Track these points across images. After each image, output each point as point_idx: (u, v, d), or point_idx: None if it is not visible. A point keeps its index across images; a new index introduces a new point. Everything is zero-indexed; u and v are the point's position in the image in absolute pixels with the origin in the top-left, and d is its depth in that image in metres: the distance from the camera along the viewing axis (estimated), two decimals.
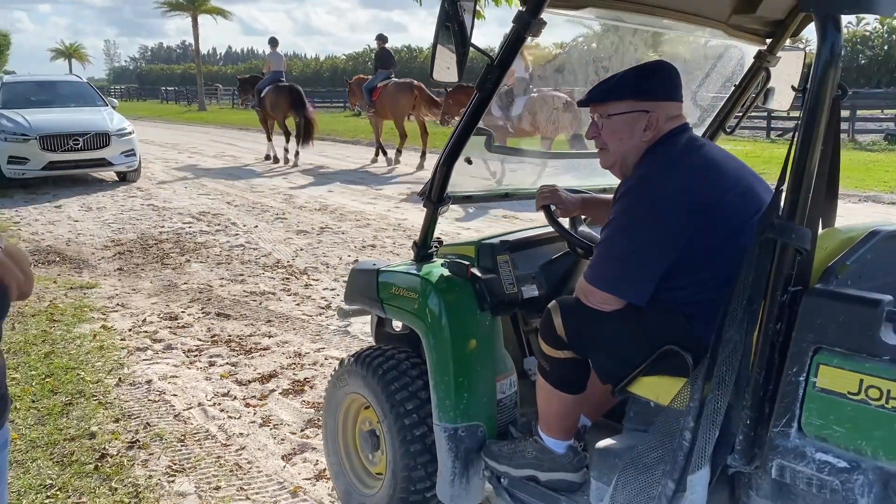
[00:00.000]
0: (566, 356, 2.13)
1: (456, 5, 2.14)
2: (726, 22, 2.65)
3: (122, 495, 2.93)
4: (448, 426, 2.39)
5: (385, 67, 14.50)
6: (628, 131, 2.05)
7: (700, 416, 1.78)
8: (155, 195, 11.00)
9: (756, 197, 1.99)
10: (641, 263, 1.95)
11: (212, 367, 4.37)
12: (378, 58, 14.81)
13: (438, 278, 2.48)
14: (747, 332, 1.67)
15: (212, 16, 42.54)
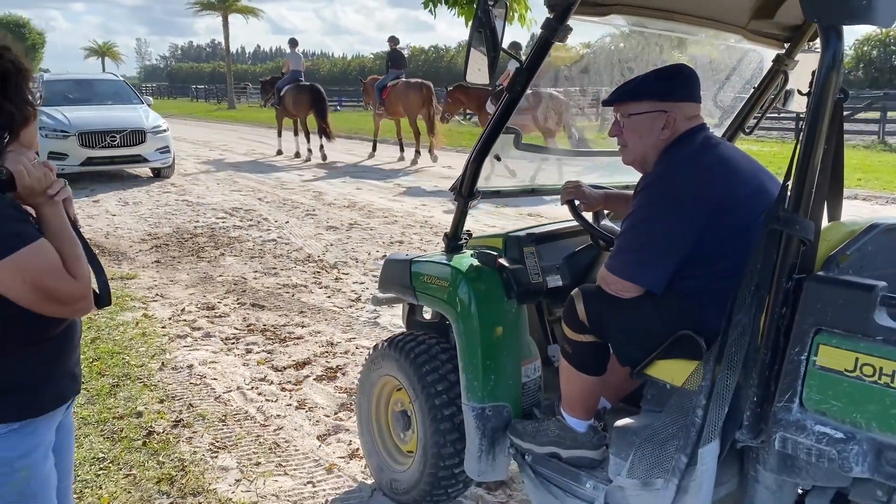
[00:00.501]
0: (588, 340, 2.28)
1: (488, 12, 2.31)
2: (745, 27, 2.79)
3: (169, 469, 3.14)
4: (476, 406, 2.55)
5: (396, 67, 14.88)
6: (647, 130, 2.20)
7: (711, 395, 1.93)
8: (189, 191, 11.30)
9: (768, 194, 2.13)
10: (658, 254, 2.10)
11: (248, 353, 4.58)
12: (390, 58, 15.23)
13: (468, 268, 2.65)
14: (755, 315, 1.82)
15: (242, 15, 43.08)
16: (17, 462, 1.58)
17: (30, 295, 1.47)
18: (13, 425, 1.58)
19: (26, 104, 1.54)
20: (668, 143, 2.19)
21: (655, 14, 2.64)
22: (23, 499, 1.61)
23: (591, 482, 2.31)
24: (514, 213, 8.94)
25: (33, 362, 1.60)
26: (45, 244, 1.49)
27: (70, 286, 1.50)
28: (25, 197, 1.53)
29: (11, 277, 1.45)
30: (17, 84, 1.53)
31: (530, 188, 3.07)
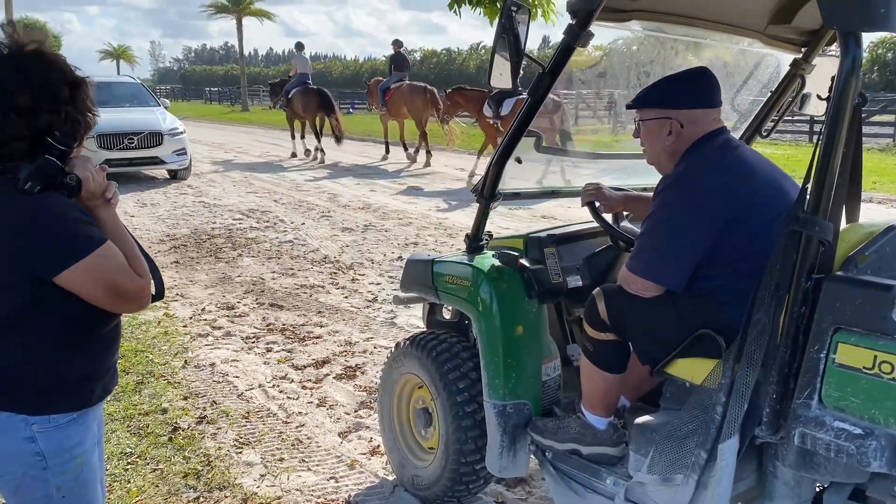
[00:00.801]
0: (609, 338, 2.34)
1: (511, 18, 2.37)
2: (763, 32, 2.83)
3: (195, 463, 3.21)
4: (497, 403, 2.60)
5: (399, 70, 15.25)
6: (656, 135, 2.30)
7: (731, 392, 1.97)
8: (205, 192, 11.41)
9: (786, 196, 2.18)
10: (678, 253, 2.15)
11: (269, 352, 4.65)
12: (393, 61, 15.56)
13: (490, 268, 2.71)
14: (774, 314, 1.87)
15: (256, 18, 43.35)
16: (74, 450, 1.67)
17: (102, 293, 1.56)
18: (72, 415, 1.66)
19: (90, 112, 1.63)
20: (678, 147, 2.26)
21: (675, 20, 2.69)
22: (78, 485, 1.70)
23: (612, 478, 2.36)
24: (528, 215, 8.99)
25: (89, 357, 1.69)
26: (112, 245, 1.57)
27: (135, 283, 1.59)
28: (86, 200, 1.60)
29: (87, 277, 1.53)
30: (84, 94, 1.61)
31: (550, 190, 3.12)
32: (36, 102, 1.53)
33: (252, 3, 42.41)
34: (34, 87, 1.53)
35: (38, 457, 1.63)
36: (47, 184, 1.52)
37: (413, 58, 68.00)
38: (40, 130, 1.53)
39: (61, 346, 1.63)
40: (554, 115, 11.00)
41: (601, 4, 2.26)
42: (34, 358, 1.62)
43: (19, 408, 1.62)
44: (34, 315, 1.58)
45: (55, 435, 1.64)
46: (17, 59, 1.55)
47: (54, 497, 1.67)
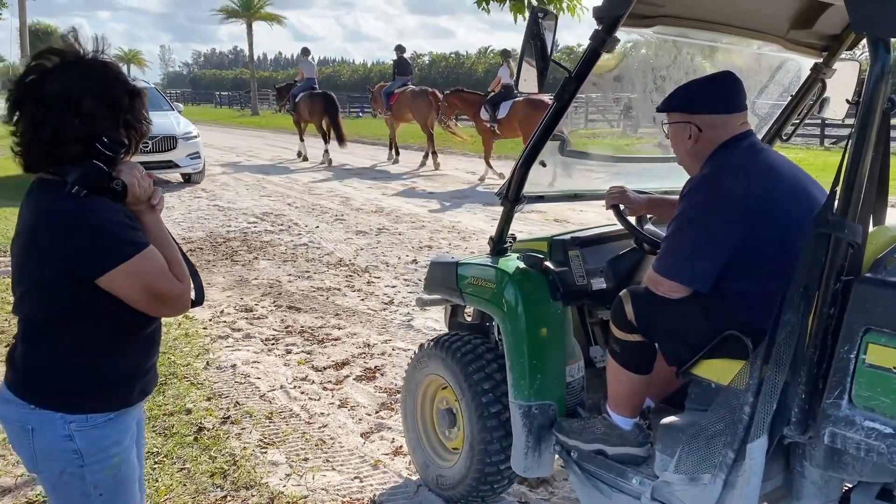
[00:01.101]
0: (636, 339, 2.37)
1: (538, 24, 2.41)
2: (784, 37, 2.86)
3: (221, 463, 3.25)
4: (523, 403, 2.64)
5: (403, 74, 15.75)
6: (679, 139, 2.37)
7: (759, 392, 2.00)
8: (219, 196, 11.49)
9: (811, 198, 2.21)
10: (703, 254, 2.19)
11: (289, 354, 4.70)
12: (396, 66, 16.11)
13: (515, 270, 2.74)
14: (803, 315, 1.89)
15: (266, 22, 43.55)
16: (111, 449, 1.70)
17: (142, 296, 1.59)
18: (110, 415, 1.70)
19: (145, 120, 1.69)
20: (700, 151, 2.32)
21: (698, 25, 2.72)
22: (116, 483, 1.73)
23: (638, 478, 2.38)
24: (541, 218, 9.02)
25: (129, 358, 1.73)
26: (154, 249, 1.61)
27: (175, 287, 1.62)
28: (131, 205, 1.65)
29: (128, 281, 1.57)
30: (141, 103, 1.67)
31: (572, 193, 3.16)
32: (97, 109, 1.57)
33: (262, 7, 42.61)
34: (99, 93, 1.58)
35: (76, 455, 1.67)
36: (94, 188, 1.56)
37: (422, 62, 68.22)
38: (95, 136, 1.58)
39: (102, 346, 1.67)
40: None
41: (627, 10, 2.30)
42: (75, 358, 1.66)
43: (58, 406, 1.66)
44: (78, 316, 1.62)
45: (92, 434, 1.67)
46: (81, 65, 1.60)
47: (92, 495, 1.71)
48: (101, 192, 1.57)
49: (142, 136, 1.69)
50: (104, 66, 1.62)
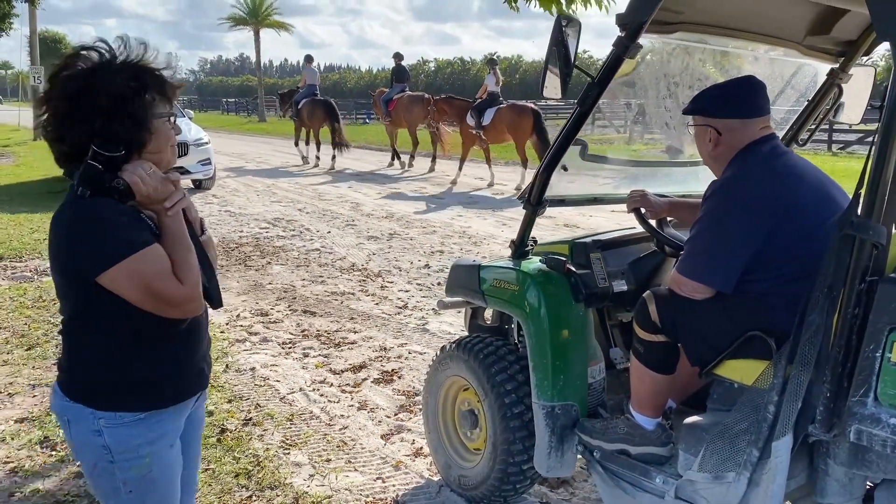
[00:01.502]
0: (659, 340, 2.40)
1: (562, 31, 2.46)
2: (801, 42, 2.91)
3: (245, 463, 3.29)
4: (546, 404, 2.67)
5: (400, 81, 16.23)
6: (701, 142, 2.43)
7: (784, 391, 2.04)
8: (230, 202, 11.56)
9: (833, 201, 2.25)
10: (727, 255, 2.23)
11: (306, 357, 4.75)
12: (394, 73, 16.65)
13: (537, 272, 2.78)
14: (828, 315, 1.93)
15: (273, 29, 43.77)
16: (141, 449, 1.71)
17: (142, 296, 1.59)
18: (140, 415, 1.70)
19: (140, 128, 1.64)
20: (721, 154, 2.37)
21: (717, 31, 2.77)
22: (144, 483, 1.74)
23: (661, 477, 2.42)
24: (551, 223, 9.06)
25: (159, 359, 1.72)
26: (155, 249, 1.60)
27: (176, 290, 1.60)
28: (146, 206, 1.65)
29: (126, 281, 1.57)
30: (133, 109, 1.63)
31: (594, 197, 3.20)
32: (92, 108, 1.60)
33: (270, 14, 42.83)
34: (94, 93, 1.61)
35: (105, 450, 1.69)
36: (97, 188, 1.59)
37: (427, 68, 68.45)
38: (92, 136, 1.60)
39: (126, 346, 1.68)
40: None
41: (650, 17, 2.35)
42: (100, 356, 1.69)
43: (88, 401, 1.69)
44: (97, 315, 1.65)
45: (121, 432, 1.68)
46: (92, 67, 1.64)
47: (121, 491, 1.73)
48: (105, 193, 1.60)
49: (143, 144, 1.66)
50: (104, 66, 1.64)
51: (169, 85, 1.72)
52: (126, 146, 1.63)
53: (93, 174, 1.59)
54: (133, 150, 1.65)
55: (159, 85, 1.69)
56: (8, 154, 20.40)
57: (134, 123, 1.63)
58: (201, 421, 2.01)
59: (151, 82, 1.68)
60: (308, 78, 17.04)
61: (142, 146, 1.66)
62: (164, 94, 1.70)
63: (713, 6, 2.61)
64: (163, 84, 1.70)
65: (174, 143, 1.76)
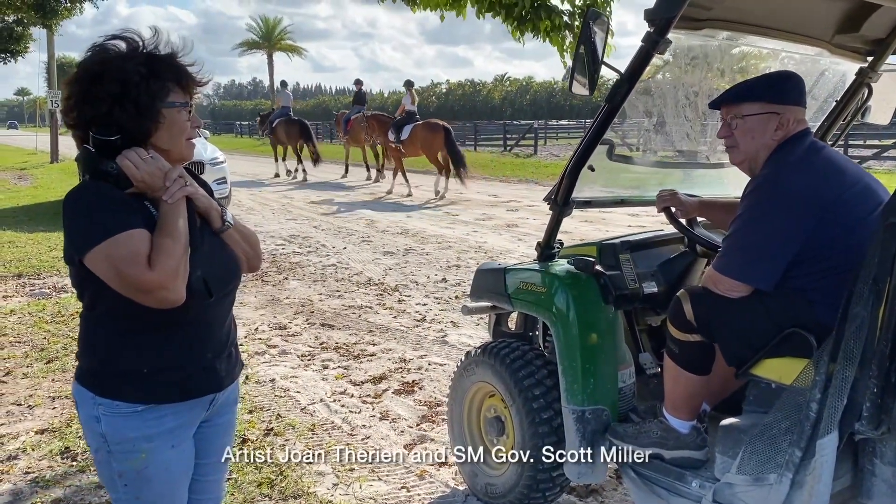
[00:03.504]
0: (695, 339, 2.34)
1: (589, 28, 2.43)
2: (830, 41, 2.87)
3: (267, 473, 3.24)
4: (576, 408, 2.61)
5: (359, 104, 18.67)
6: (761, 131, 2.29)
7: (827, 389, 1.97)
8: (246, 220, 11.57)
9: (873, 194, 2.20)
10: (768, 253, 2.17)
11: (326, 369, 4.70)
12: (355, 97, 19.10)
13: (565, 274, 2.73)
14: (873, 308, 1.87)
15: (286, 53, 44.24)
16: (137, 443, 1.65)
17: (116, 281, 1.54)
18: (137, 407, 1.64)
19: (143, 115, 1.61)
20: (779, 143, 2.27)
21: (745, 28, 2.73)
22: (139, 479, 1.68)
23: (697, 481, 2.34)
24: (570, 226, 9.01)
25: (160, 351, 1.66)
26: (132, 234, 1.54)
27: (143, 275, 1.52)
28: (144, 191, 1.61)
29: (101, 264, 1.53)
30: (137, 95, 1.59)
31: (620, 198, 3.16)
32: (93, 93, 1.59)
33: (283, 38, 43.33)
34: (96, 77, 1.60)
35: (102, 438, 1.66)
36: (93, 172, 1.59)
37: (439, 90, 68.85)
38: (91, 120, 1.60)
39: (129, 333, 1.64)
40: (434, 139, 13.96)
41: (679, 12, 2.31)
42: (104, 340, 1.66)
43: (89, 386, 1.67)
44: (99, 298, 1.62)
45: (118, 422, 1.64)
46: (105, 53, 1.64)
47: (118, 482, 1.69)
48: (102, 177, 1.59)
49: (147, 133, 1.63)
50: (122, 54, 1.62)
51: (187, 74, 1.68)
52: (127, 133, 1.61)
53: (87, 158, 1.59)
54: (137, 139, 1.62)
55: (175, 74, 1.66)
56: (26, 176, 20.65)
57: (137, 110, 1.60)
58: (227, 428, 1.93)
59: (165, 71, 1.64)
60: (282, 101, 19.31)
61: (146, 135, 1.63)
62: (181, 84, 1.67)
63: (741, 3, 2.58)
64: (179, 73, 1.67)
65: (191, 137, 1.72)
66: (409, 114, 14.93)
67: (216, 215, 1.77)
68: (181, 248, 1.59)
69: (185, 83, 1.69)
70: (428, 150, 14.12)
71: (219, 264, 1.75)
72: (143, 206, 1.64)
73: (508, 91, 64.63)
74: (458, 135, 33.33)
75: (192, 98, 1.72)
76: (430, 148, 14.00)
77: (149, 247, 1.56)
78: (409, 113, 14.94)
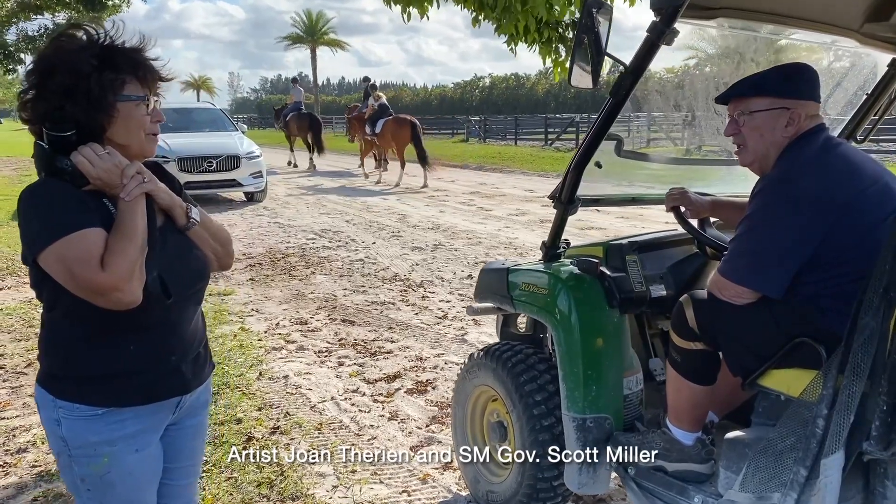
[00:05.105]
0: (698, 348, 2.21)
1: (592, 17, 2.30)
2: (858, 30, 2.68)
3: (268, 473, 3.20)
4: (577, 416, 2.50)
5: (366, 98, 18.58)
6: (770, 127, 2.12)
7: (834, 404, 1.83)
8: (280, 214, 11.67)
9: (892, 195, 2.04)
10: (777, 258, 2.02)
11: (341, 366, 4.66)
12: (364, 93, 18.86)
13: (568, 275, 2.62)
14: (884, 319, 1.73)
15: (329, 47, 44.56)
16: (99, 447, 1.61)
17: (69, 282, 1.49)
18: (97, 410, 1.60)
19: (95, 108, 1.55)
20: (790, 141, 2.12)
21: (763, 17, 2.57)
22: (102, 484, 1.64)
23: (700, 496, 2.23)
24: (571, 226, 8.83)
25: (120, 353, 1.62)
26: (85, 234, 1.49)
27: (95, 277, 1.47)
28: (101, 188, 1.56)
29: (53, 264, 1.48)
30: (88, 88, 1.54)
31: (630, 197, 3.02)
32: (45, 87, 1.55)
33: (326, 33, 43.65)
34: (48, 71, 1.55)
35: (63, 442, 1.62)
36: (48, 170, 1.55)
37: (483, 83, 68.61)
38: (45, 115, 1.55)
39: (88, 334, 1.60)
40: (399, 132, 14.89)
41: (687, 1, 2.18)
42: (63, 341, 1.62)
43: (49, 388, 1.63)
44: (56, 298, 1.58)
45: (78, 425, 1.60)
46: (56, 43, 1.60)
47: (80, 487, 1.66)
48: (57, 174, 1.54)
49: (111, 117, 1.57)
50: (77, 46, 1.57)
51: (146, 68, 1.62)
52: (82, 128, 1.55)
53: (41, 154, 1.53)
54: (92, 134, 1.57)
55: (132, 67, 1.60)
56: None
57: (89, 104, 1.54)
58: (198, 430, 1.88)
59: (122, 63, 1.58)
60: (294, 96, 20.38)
61: (101, 129, 1.58)
62: (139, 77, 1.61)
63: None
64: (137, 66, 1.61)
65: (152, 132, 1.66)
66: (382, 108, 15.85)
67: (181, 212, 1.71)
68: (136, 248, 1.53)
69: (144, 76, 1.63)
70: (398, 143, 15.10)
71: (182, 264, 1.69)
72: (102, 205, 1.59)
73: (553, 84, 64.02)
74: (500, 129, 33.37)
75: (152, 92, 1.67)
76: (400, 140, 14.99)
77: (103, 247, 1.51)
78: (382, 107, 15.87)
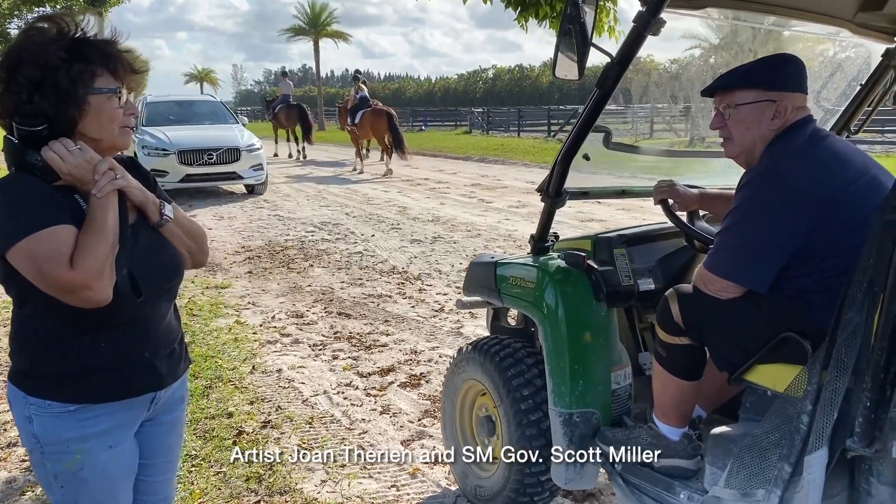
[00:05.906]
0: (683, 342, 2.19)
1: (578, 7, 2.27)
2: (852, 20, 2.64)
3: (257, 467, 3.19)
4: (563, 411, 2.48)
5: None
6: (756, 120, 2.08)
7: (818, 400, 1.80)
8: (280, 206, 11.65)
9: (880, 187, 2.00)
10: (763, 252, 1.99)
11: (335, 360, 4.65)
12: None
13: (555, 269, 2.60)
14: (868, 314, 1.70)
15: (332, 39, 44.43)
16: (71, 444, 1.60)
17: (38, 280, 1.47)
18: (69, 407, 1.59)
19: (65, 102, 1.53)
20: (776, 133, 2.08)
21: (752, 7, 2.53)
22: (75, 481, 1.63)
23: (686, 492, 2.20)
24: (572, 218, 8.80)
25: (93, 349, 1.60)
26: (55, 231, 1.47)
27: (65, 276, 1.45)
28: (72, 183, 1.54)
29: (21, 261, 1.46)
30: (57, 80, 1.51)
31: (619, 189, 2.99)
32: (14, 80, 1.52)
33: (329, 25, 43.50)
34: (15, 64, 1.53)
35: (34, 439, 1.60)
36: (18, 165, 1.53)
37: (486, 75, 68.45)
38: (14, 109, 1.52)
39: (54, 332, 1.58)
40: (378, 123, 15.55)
41: None
42: (33, 338, 1.61)
43: (20, 384, 1.61)
44: (26, 295, 1.55)
45: (50, 422, 1.58)
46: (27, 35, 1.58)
47: (54, 484, 1.64)
48: (28, 169, 1.52)
49: (82, 110, 1.54)
50: (45, 38, 1.54)
51: (118, 60, 1.59)
52: (52, 122, 1.53)
53: (11, 149, 1.50)
54: (62, 128, 1.54)
55: (104, 59, 1.57)
56: None
57: (59, 97, 1.51)
58: (174, 426, 1.86)
59: (93, 55, 1.56)
60: (284, 89, 20.81)
61: (72, 123, 1.55)
62: (111, 69, 1.58)
63: None
64: (108, 58, 1.58)
65: (126, 125, 1.63)
66: (362, 100, 16.49)
67: (153, 209, 1.69)
68: (107, 245, 1.51)
69: (116, 68, 1.60)
70: (375, 132, 15.98)
71: (155, 261, 1.67)
72: (73, 201, 1.57)
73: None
74: (503, 120, 33.27)
75: (125, 85, 1.64)
76: (377, 130, 15.86)
77: (73, 244, 1.49)
78: (363, 99, 16.52)
